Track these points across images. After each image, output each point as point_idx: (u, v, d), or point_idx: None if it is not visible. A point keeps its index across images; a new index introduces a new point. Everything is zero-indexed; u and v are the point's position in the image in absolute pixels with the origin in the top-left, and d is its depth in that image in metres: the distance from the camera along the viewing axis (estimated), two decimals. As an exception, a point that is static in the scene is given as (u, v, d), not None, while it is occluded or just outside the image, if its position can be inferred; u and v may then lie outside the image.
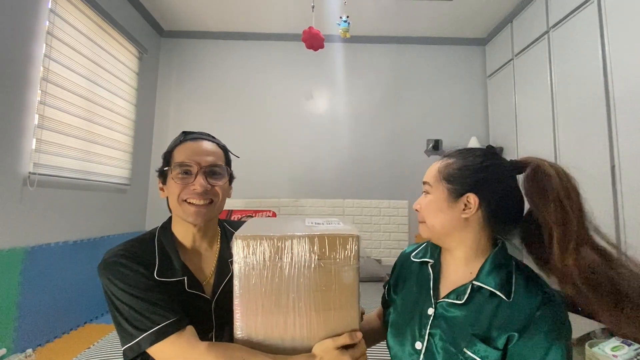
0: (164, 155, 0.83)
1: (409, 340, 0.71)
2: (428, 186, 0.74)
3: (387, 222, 3.31)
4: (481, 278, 0.67)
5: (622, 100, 1.84)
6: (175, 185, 0.77)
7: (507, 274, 0.66)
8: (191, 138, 0.82)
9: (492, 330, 0.62)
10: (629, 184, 1.78)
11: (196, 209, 0.77)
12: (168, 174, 0.80)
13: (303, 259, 0.63)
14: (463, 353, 0.62)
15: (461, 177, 0.70)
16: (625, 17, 1.84)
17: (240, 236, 0.63)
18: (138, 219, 3.15)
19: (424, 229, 0.74)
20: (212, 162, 0.80)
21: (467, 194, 0.69)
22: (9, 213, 1.80)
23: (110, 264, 0.71)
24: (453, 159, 0.73)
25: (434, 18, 3.17)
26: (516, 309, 0.62)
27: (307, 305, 0.64)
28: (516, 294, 0.64)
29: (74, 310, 2.22)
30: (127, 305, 0.67)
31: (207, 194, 0.78)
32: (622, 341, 1.40)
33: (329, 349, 0.63)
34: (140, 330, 0.65)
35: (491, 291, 0.65)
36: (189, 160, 0.77)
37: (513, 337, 0.60)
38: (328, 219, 0.76)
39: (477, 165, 0.70)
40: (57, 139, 2.11)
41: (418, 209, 0.76)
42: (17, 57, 1.84)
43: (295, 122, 3.45)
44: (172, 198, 0.79)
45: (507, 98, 3.04)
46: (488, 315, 0.64)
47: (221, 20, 3.29)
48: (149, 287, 0.70)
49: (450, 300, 0.69)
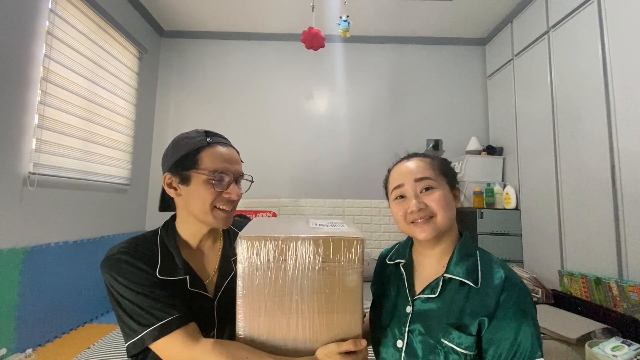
0: (187, 155, 0.77)
1: (391, 340, 0.73)
2: (430, 181, 0.73)
3: (387, 222, 3.31)
4: (450, 269, 0.70)
5: (622, 100, 1.84)
6: (207, 191, 0.76)
7: (473, 262, 0.70)
8: (219, 142, 0.81)
9: (464, 318, 0.65)
10: (629, 184, 1.79)
11: (227, 215, 0.79)
12: (193, 176, 0.77)
13: (307, 261, 0.63)
14: (440, 343, 0.65)
15: (448, 171, 0.77)
16: (625, 17, 1.85)
17: (244, 236, 0.63)
18: (138, 219, 3.15)
19: (431, 227, 0.70)
20: (241, 170, 0.83)
21: (457, 186, 0.77)
22: (9, 213, 1.80)
23: (113, 260, 0.71)
24: (425, 157, 0.78)
25: (434, 18, 3.17)
26: (483, 294, 0.66)
27: (311, 308, 0.64)
28: (483, 280, 0.67)
29: (74, 310, 2.22)
30: (130, 302, 0.68)
31: (235, 202, 0.81)
32: (622, 341, 1.40)
33: (333, 354, 0.64)
34: (144, 326, 0.66)
35: (460, 280, 0.68)
36: (225, 168, 0.78)
37: (484, 322, 0.64)
38: (332, 221, 0.75)
39: (446, 161, 0.80)
40: (57, 139, 2.11)
41: (423, 207, 0.71)
42: (17, 57, 1.83)
43: (295, 122, 3.45)
44: (199, 202, 0.77)
45: (507, 98, 3.04)
46: (460, 304, 0.67)
47: (221, 20, 3.28)
48: (151, 283, 0.70)
49: (425, 295, 0.71)
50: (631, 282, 1.70)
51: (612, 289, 1.78)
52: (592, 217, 2.01)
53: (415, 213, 0.71)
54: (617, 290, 1.74)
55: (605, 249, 1.91)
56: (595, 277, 1.88)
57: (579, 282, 1.99)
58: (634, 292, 1.66)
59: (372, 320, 0.81)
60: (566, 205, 2.24)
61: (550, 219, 2.38)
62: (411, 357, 0.68)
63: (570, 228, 2.20)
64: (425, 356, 0.66)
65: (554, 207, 2.33)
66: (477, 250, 0.73)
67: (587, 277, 1.94)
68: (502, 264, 0.70)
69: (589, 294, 1.93)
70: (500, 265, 0.70)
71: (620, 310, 1.72)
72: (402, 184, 0.74)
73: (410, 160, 0.77)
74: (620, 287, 1.73)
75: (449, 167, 0.79)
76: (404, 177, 0.74)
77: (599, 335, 1.58)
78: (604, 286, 1.82)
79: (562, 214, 2.27)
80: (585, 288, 1.95)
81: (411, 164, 0.76)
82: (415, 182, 0.72)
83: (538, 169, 2.55)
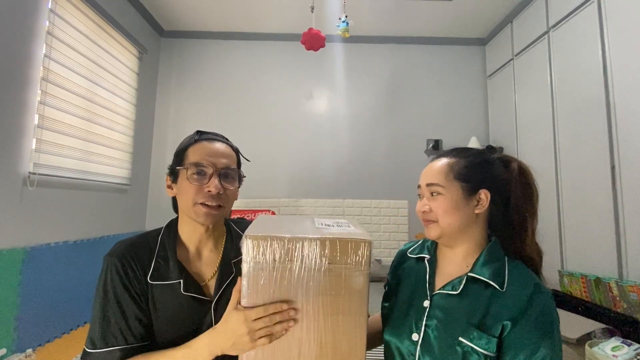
0: (177, 153, 0.81)
1: (406, 332, 0.73)
2: (438, 187, 0.74)
3: (387, 222, 3.31)
4: (476, 269, 0.70)
5: (622, 100, 1.85)
6: (189, 186, 0.76)
7: (500, 266, 0.70)
8: (206, 138, 0.81)
9: (487, 319, 0.65)
10: (629, 184, 1.79)
11: (208, 210, 0.77)
12: (180, 172, 0.78)
13: (313, 261, 0.62)
14: (459, 342, 0.65)
15: (472, 174, 0.74)
16: (625, 17, 1.85)
17: (250, 236, 0.62)
18: (138, 219, 3.14)
19: (434, 229, 0.74)
20: (227, 164, 0.80)
21: (480, 190, 0.73)
22: (9, 213, 1.79)
23: (111, 257, 0.75)
24: (454, 158, 0.76)
25: (434, 18, 3.17)
26: (509, 298, 0.66)
27: (316, 309, 0.63)
28: (509, 285, 0.68)
29: (74, 310, 2.21)
30: (97, 311, 0.73)
31: (219, 197, 0.78)
32: (622, 341, 1.40)
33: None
34: (90, 341, 0.76)
35: (485, 282, 0.68)
36: (204, 161, 0.77)
37: (507, 326, 0.64)
38: (338, 221, 0.75)
39: (482, 161, 0.76)
40: (57, 139, 2.10)
41: (427, 211, 0.75)
42: (17, 57, 1.83)
43: (295, 122, 3.45)
44: (184, 198, 0.77)
45: (507, 98, 3.05)
46: (483, 304, 0.67)
47: (221, 20, 3.28)
48: (126, 298, 0.73)
49: (445, 291, 0.72)
50: (631, 282, 1.71)
51: (612, 289, 1.78)
52: (592, 217, 2.01)
53: (423, 213, 0.76)
54: (617, 290, 1.75)
55: (605, 249, 1.91)
56: (595, 277, 1.88)
57: (579, 282, 2.00)
58: (634, 292, 1.67)
59: (386, 310, 0.82)
60: (566, 205, 2.25)
61: (550, 219, 2.38)
62: (427, 351, 0.69)
63: (570, 228, 2.20)
64: (441, 353, 0.67)
65: (554, 207, 2.34)
66: (505, 256, 0.73)
67: (587, 277, 1.94)
68: (530, 272, 0.71)
69: (589, 294, 1.93)
70: (528, 273, 0.70)
71: (620, 310, 1.73)
72: (420, 184, 0.79)
73: (435, 161, 0.79)
74: (620, 287, 1.73)
75: (480, 169, 0.75)
76: (422, 178, 0.79)
77: (599, 335, 1.58)
78: (604, 286, 1.82)
79: (562, 214, 2.27)
80: (585, 288, 1.96)
81: (431, 166, 0.78)
82: (427, 187, 0.76)
83: (538, 169, 2.53)
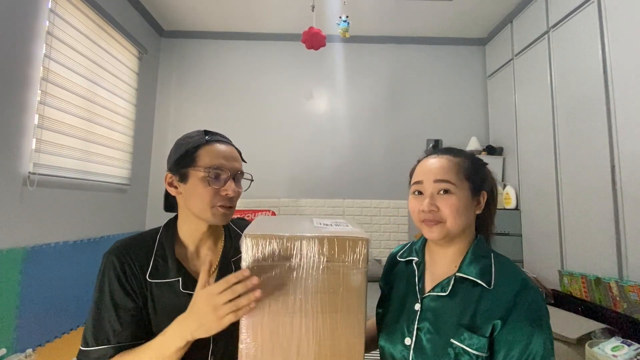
0: (186, 153, 0.79)
1: (399, 337, 0.72)
2: (450, 184, 0.70)
3: (387, 222, 3.30)
4: (463, 269, 0.70)
5: (622, 100, 1.85)
6: (205, 188, 0.77)
7: (487, 263, 0.70)
8: (217, 140, 0.82)
9: (477, 318, 0.65)
10: (629, 184, 1.79)
11: (225, 211, 0.79)
12: (191, 173, 0.78)
13: (312, 260, 0.63)
14: (450, 343, 0.65)
15: (475, 175, 0.73)
16: (625, 17, 1.85)
17: (249, 234, 0.62)
18: (138, 219, 3.14)
19: (440, 231, 0.70)
20: (239, 168, 0.83)
21: (482, 191, 0.74)
22: (9, 213, 1.79)
23: (109, 255, 0.75)
24: (457, 157, 0.75)
25: (434, 18, 3.17)
26: (497, 296, 0.65)
27: (314, 307, 0.63)
28: (496, 282, 0.67)
29: (74, 310, 2.21)
30: (94, 308, 0.73)
31: (232, 199, 0.81)
32: (622, 341, 1.40)
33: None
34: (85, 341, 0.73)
35: (473, 281, 0.68)
36: (222, 165, 0.78)
37: (497, 325, 0.63)
38: (336, 220, 0.75)
39: (480, 164, 0.76)
40: (57, 139, 2.11)
41: (433, 210, 0.70)
42: (17, 57, 1.83)
43: (295, 122, 3.45)
44: (197, 200, 0.78)
45: (507, 98, 3.05)
46: (472, 304, 0.66)
47: (221, 20, 3.28)
48: (122, 297, 0.73)
49: (435, 293, 0.71)
50: (631, 282, 1.70)
51: (612, 289, 1.78)
52: (592, 217, 2.01)
53: (426, 213, 0.71)
54: (617, 290, 1.75)
55: (605, 249, 1.91)
56: (595, 277, 1.88)
57: (579, 282, 2.00)
58: (634, 292, 1.66)
59: (380, 316, 0.81)
60: (566, 205, 2.25)
61: (550, 219, 2.38)
62: (419, 355, 0.68)
63: (570, 228, 2.20)
64: (434, 355, 0.66)
65: (554, 207, 2.34)
66: (491, 252, 0.73)
67: (587, 277, 1.94)
68: (517, 268, 0.70)
69: (589, 294, 1.93)
70: (515, 269, 0.70)
71: (620, 310, 1.72)
72: (422, 180, 0.73)
73: (439, 157, 0.74)
74: (620, 287, 1.73)
75: (480, 170, 0.75)
76: (425, 174, 0.73)
77: (599, 335, 1.58)
78: (604, 286, 1.82)
79: (562, 213, 2.27)
80: (585, 288, 1.96)
81: (436, 162, 0.73)
82: (435, 183, 0.71)
83: (538, 169, 2.55)
